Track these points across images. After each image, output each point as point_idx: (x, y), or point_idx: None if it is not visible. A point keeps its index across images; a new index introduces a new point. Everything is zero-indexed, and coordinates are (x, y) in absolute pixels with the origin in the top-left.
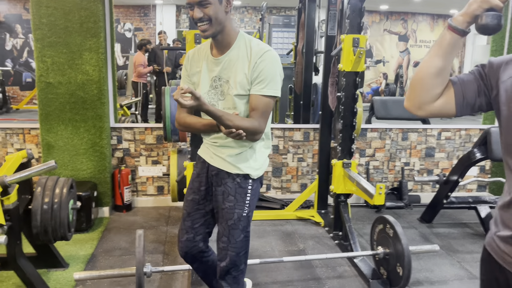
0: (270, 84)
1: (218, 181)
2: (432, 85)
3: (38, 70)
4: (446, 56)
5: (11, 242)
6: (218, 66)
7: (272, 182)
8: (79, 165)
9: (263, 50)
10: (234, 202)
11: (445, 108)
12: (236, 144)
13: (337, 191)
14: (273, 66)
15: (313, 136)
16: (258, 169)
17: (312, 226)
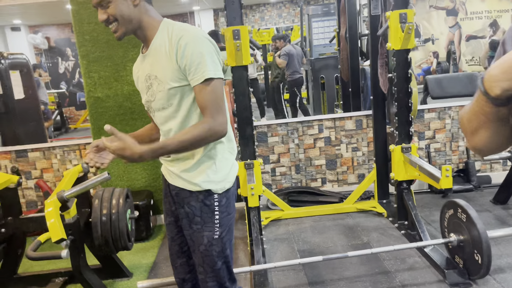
0: (202, 66)
1: (181, 202)
2: (494, 149)
3: (87, 86)
4: (493, 127)
5: (75, 255)
6: (147, 61)
7: (327, 175)
8: (133, 175)
9: (182, 31)
10: (201, 224)
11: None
12: (188, 155)
13: (398, 178)
14: (198, 45)
15: (366, 124)
16: (222, 182)
17: (374, 218)
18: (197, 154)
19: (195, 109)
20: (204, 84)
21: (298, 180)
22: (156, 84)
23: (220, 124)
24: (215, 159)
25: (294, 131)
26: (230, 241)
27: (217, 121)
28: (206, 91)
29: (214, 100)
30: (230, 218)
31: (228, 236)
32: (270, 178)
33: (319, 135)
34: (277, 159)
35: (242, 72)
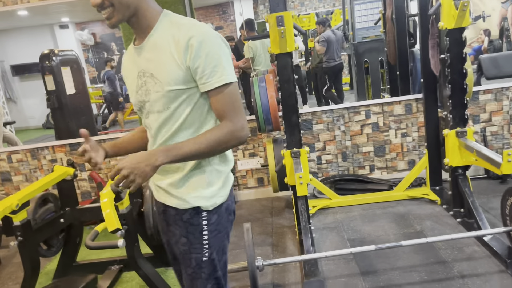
0: (220, 69)
1: (168, 220)
2: None
3: None
4: None
5: (129, 244)
6: (142, 56)
7: (375, 162)
8: None
9: (193, 27)
10: (188, 245)
11: None
12: (178, 166)
13: (453, 164)
14: (213, 46)
15: (416, 108)
16: (213, 197)
17: (427, 205)
18: (187, 166)
19: (197, 117)
20: (221, 89)
21: (345, 167)
22: (151, 83)
23: (241, 128)
24: (206, 171)
25: (340, 117)
26: (222, 261)
27: (237, 125)
28: (224, 96)
29: (232, 104)
30: (221, 236)
31: (219, 257)
32: (316, 166)
33: (366, 121)
34: (322, 146)
35: (287, 59)
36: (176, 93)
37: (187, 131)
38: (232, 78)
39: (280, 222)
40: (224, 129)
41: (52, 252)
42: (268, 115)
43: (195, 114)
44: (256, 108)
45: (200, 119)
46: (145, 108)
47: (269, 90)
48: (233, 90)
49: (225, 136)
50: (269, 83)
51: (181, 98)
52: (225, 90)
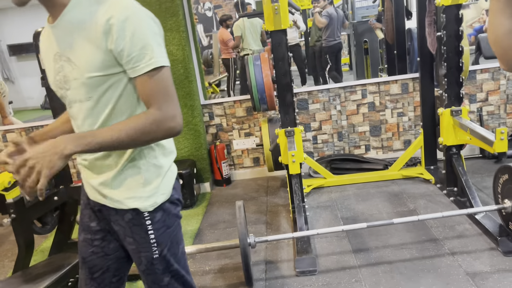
0: (148, 52)
1: (107, 218)
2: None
3: None
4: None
5: None
6: (56, 36)
7: (371, 142)
8: (177, 144)
9: (115, 5)
10: (136, 245)
11: None
12: (110, 161)
13: (447, 143)
14: (139, 25)
15: (412, 87)
16: (151, 196)
17: (421, 184)
18: (120, 161)
19: (128, 107)
20: (151, 74)
21: (341, 147)
22: (69, 69)
23: (171, 118)
24: (141, 168)
25: (336, 97)
26: (178, 253)
27: (167, 114)
28: (153, 81)
29: (162, 90)
30: (171, 231)
31: (173, 251)
32: (311, 146)
33: (362, 101)
34: (318, 126)
35: (281, 37)
36: (98, 80)
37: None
38: (164, 61)
39: (275, 201)
40: (150, 117)
41: (46, 229)
42: (263, 94)
43: (124, 104)
44: (251, 87)
45: (131, 109)
46: (67, 97)
47: (264, 68)
48: (164, 75)
49: (150, 124)
50: (264, 61)
51: (104, 85)
52: (156, 75)
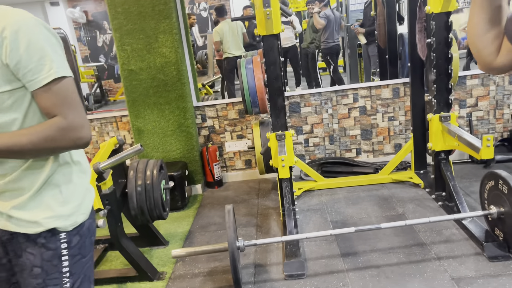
0: (46, 63)
1: (16, 250)
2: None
3: (120, 59)
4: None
5: (112, 224)
6: None
7: (362, 145)
8: (168, 146)
9: (8, 17)
10: (43, 277)
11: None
12: (25, 182)
13: (436, 148)
14: (34, 35)
15: (403, 92)
16: (72, 215)
17: (410, 188)
18: (37, 181)
19: (35, 124)
20: (51, 85)
21: (332, 150)
22: None
23: (78, 127)
24: (60, 186)
25: (328, 100)
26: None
27: (73, 122)
28: (55, 93)
29: (66, 100)
30: (86, 262)
31: (85, 285)
32: (303, 149)
33: (354, 105)
34: (310, 129)
35: (273, 41)
36: (1, 97)
37: None
38: (64, 72)
39: (265, 204)
40: (54, 125)
41: None
42: (255, 98)
43: (31, 120)
44: (243, 90)
45: None
46: None
47: (256, 72)
48: (66, 85)
49: (55, 132)
50: (256, 65)
51: (7, 102)
52: (56, 85)
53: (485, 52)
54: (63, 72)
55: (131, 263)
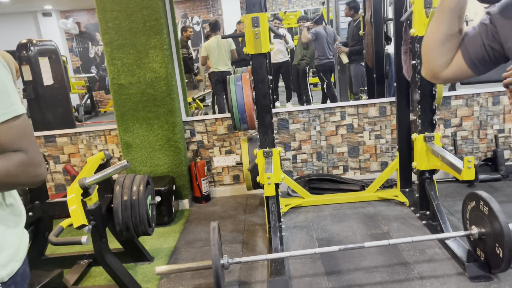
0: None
1: None
2: (439, 53)
3: (110, 73)
4: (449, 21)
5: (96, 240)
6: None
7: (349, 163)
8: (156, 160)
9: None
10: None
11: (459, 71)
12: None
13: (420, 168)
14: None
15: (390, 111)
16: (9, 263)
17: (396, 207)
18: None
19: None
20: (11, 122)
21: (320, 167)
22: None
23: (38, 164)
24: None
25: (316, 118)
26: None
27: (34, 159)
28: (15, 129)
29: (27, 136)
30: None
31: None
32: (291, 165)
33: (341, 122)
34: (298, 146)
35: (262, 60)
36: None
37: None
38: (22, 109)
39: (252, 220)
40: (15, 159)
41: None
42: (244, 114)
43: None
44: (231, 106)
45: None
46: None
47: (245, 89)
48: (25, 121)
49: (17, 167)
50: (245, 82)
51: None
52: (16, 122)
53: (437, 62)
54: (21, 109)
55: (114, 279)
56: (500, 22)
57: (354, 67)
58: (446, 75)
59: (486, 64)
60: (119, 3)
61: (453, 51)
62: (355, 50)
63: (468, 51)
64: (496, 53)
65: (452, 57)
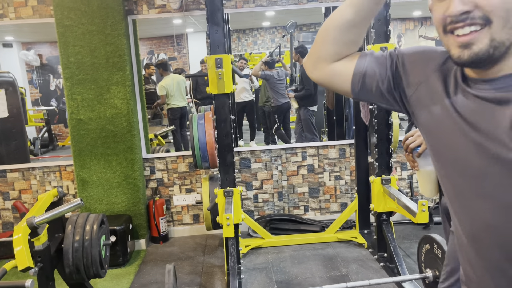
0: None
1: None
2: (334, 39)
3: (69, 108)
4: (359, 9)
5: (43, 283)
6: None
7: (310, 203)
8: (113, 198)
9: None
10: None
11: (341, 75)
12: None
13: (378, 210)
14: None
15: (349, 152)
16: None
17: (355, 248)
18: None
19: None
20: None
21: (281, 207)
22: None
23: None
24: None
25: (278, 158)
26: None
27: None
28: None
29: None
30: None
31: None
32: (252, 204)
33: (302, 163)
34: (260, 185)
35: (225, 100)
36: None
37: None
38: None
39: (211, 261)
40: None
41: None
42: (205, 153)
43: None
44: (193, 145)
45: None
46: None
47: (207, 127)
48: None
49: None
50: (208, 121)
51: None
52: None
53: (328, 48)
54: None
55: None
56: (408, 66)
57: (303, 111)
58: (328, 70)
59: (366, 93)
60: (82, 38)
61: (350, 47)
62: (299, 95)
63: (365, 64)
64: (389, 93)
65: (344, 54)
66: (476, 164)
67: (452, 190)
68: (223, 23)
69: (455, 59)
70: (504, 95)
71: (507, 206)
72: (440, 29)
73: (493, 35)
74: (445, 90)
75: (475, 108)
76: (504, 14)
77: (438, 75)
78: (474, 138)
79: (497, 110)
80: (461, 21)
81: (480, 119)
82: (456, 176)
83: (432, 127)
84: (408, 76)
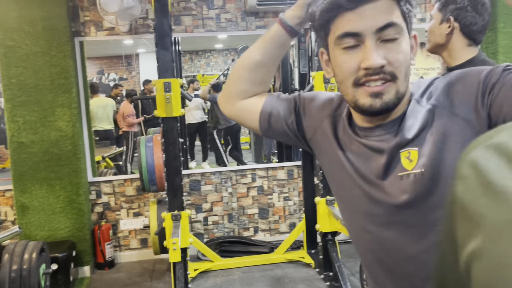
0: None
1: None
2: (244, 78)
3: (10, 130)
4: (266, 51)
5: None
6: None
7: (259, 224)
8: (56, 224)
9: None
10: None
11: (249, 112)
12: None
13: (323, 230)
14: None
15: (297, 174)
16: None
17: (302, 268)
18: None
19: None
20: None
21: (231, 229)
22: None
23: None
24: None
25: (228, 179)
26: None
27: None
28: None
29: None
30: None
31: None
32: (202, 227)
33: (252, 184)
34: (210, 207)
35: (173, 123)
36: None
37: None
38: None
39: (158, 287)
40: None
41: None
42: (153, 176)
43: None
44: (140, 168)
45: None
46: None
47: (155, 150)
48: None
49: None
50: (156, 143)
51: None
52: None
53: (238, 86)
54: None
55: None
56: (307, 110)
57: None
58: (238, 107)
59: (273, 132)
60: (26, 59)
61: (258, 86)
62: None
63: (271, 105)
64: (294, 135)
65: (253, 92)
66: (363, 207)
67: (349, 225)
68: (172, 48)
69: (366, 107)
70: (380, 145)
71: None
72: (350, 81)
73: (398, 88)
74: (334, 135)
75: (359, 153)
76: (404, 70)
77: (330, 121)
78: (359, 183)
79: (374, 157)
80: (376, 74)
81: (362, 164)
82: (350, 212)
83: (328, 169)
84: (307, 120)
